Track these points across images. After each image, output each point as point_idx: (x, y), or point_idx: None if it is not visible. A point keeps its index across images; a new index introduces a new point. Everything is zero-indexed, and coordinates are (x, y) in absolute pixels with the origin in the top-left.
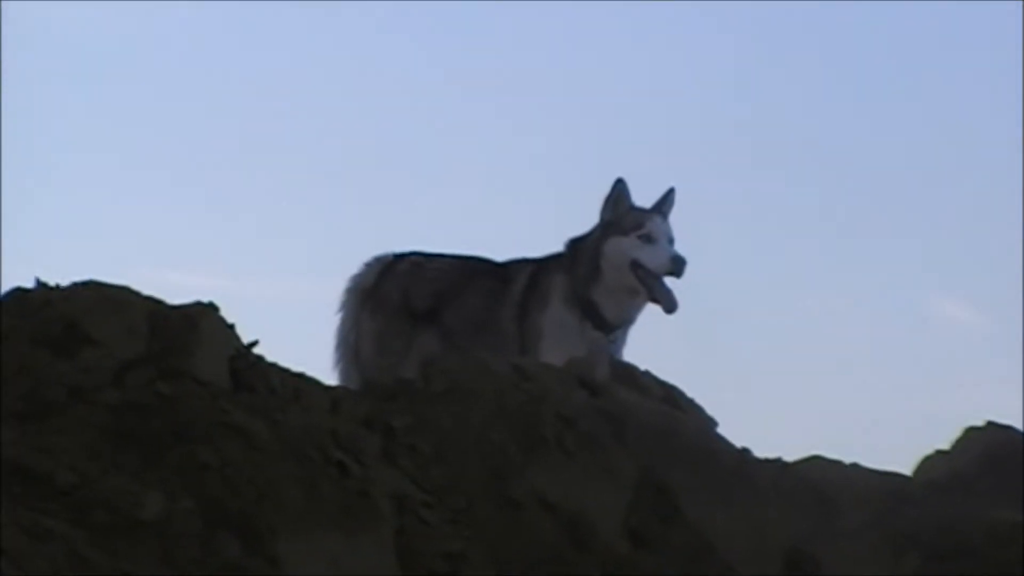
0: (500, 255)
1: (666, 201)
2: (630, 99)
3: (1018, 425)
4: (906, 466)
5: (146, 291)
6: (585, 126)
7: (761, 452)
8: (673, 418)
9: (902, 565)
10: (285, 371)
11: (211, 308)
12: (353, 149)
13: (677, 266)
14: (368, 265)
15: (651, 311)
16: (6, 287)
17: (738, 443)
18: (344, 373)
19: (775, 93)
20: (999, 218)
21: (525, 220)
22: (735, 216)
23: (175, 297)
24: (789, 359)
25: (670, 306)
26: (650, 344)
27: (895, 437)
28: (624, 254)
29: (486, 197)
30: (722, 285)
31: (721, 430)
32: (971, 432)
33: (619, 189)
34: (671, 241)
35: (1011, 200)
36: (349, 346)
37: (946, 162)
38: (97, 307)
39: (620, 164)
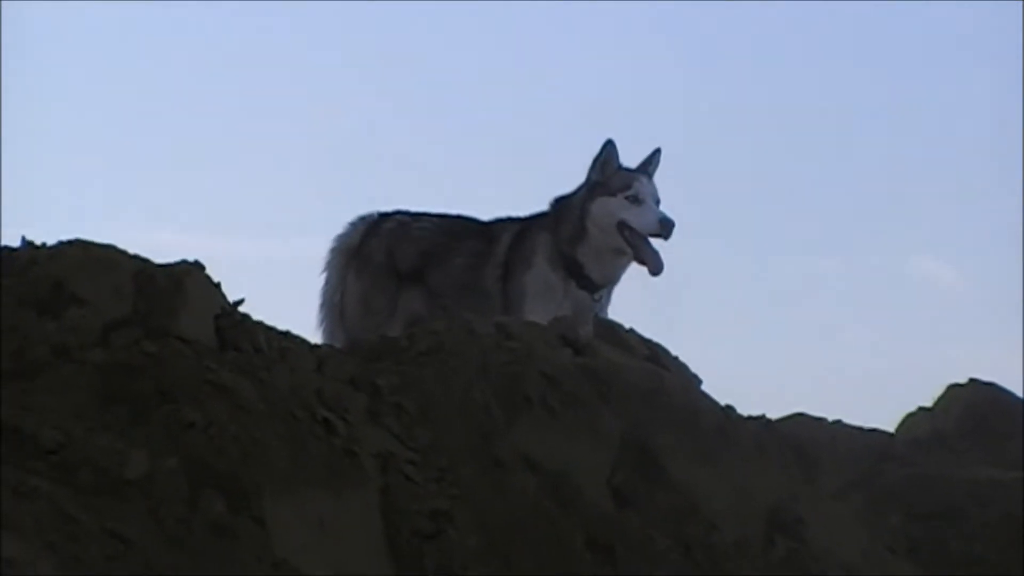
0: (486, 214)
1: (652, 162)
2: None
3: (1000, 382)
4: (889, 423)
5: (132, 250)
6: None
7: (745, 410)
8: (657, 377)
9: (883, 524)
10: (271, 330)
11: (197, 267)
12: (342, 110)
13: (665, 228)
14: (353, 224)
15: (636, 271)
16: None
17: (722, 401)
18: (329, 332)
19: (764, 61)
20: (980, 182)
21: (511, 178)
22: (723, 179)
23: (162, 257)
24: (774, 317)
25: (656, 268)
26: (634, 302)
27: (878, 395)
28: (611, 214)
29: (474, 156)
30: (709, 247)
31: (705, 388)
32: (953, 390)
33: (608, 150)
34: (658, 202)
35: (991, 165)
36: (334, 306)
37: (927, 130)
38: (83, 266)
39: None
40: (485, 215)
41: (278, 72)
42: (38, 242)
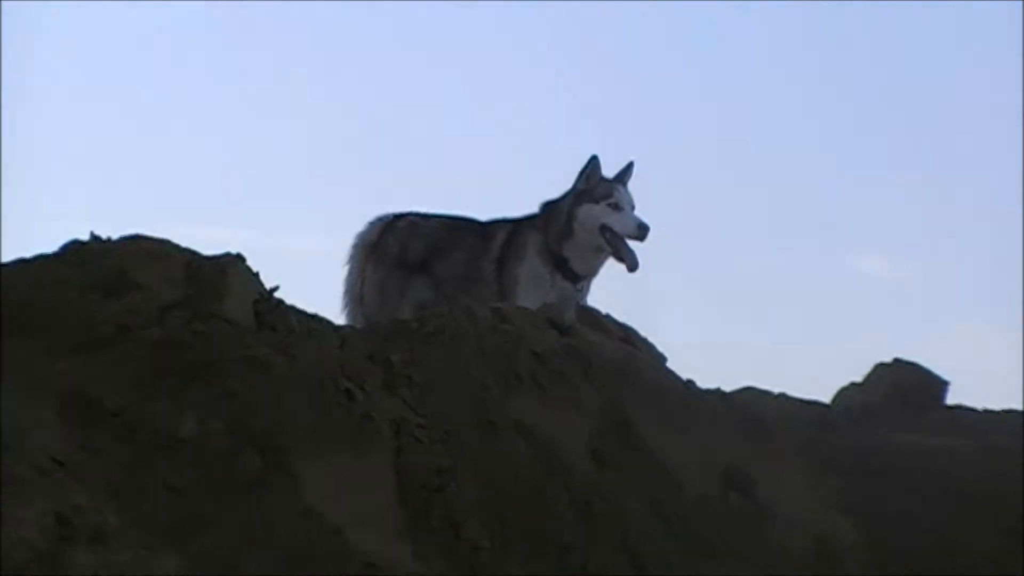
0: (484, 215)
1: (627, 172)
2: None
3: (921, 362)
4: (826, 396)
5: (183, 244)
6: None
7: (703, 384)
8: (630, 355)
9: (823, 483)
10: (301, 313)
11: (239, 259)
12: (367, 118)
13: (642, 231)
14: (371, 224)
15: (614, 267)
16: (63, 241)
17: (684, 376)
18: (351, 316)
19: (713, 64)
20: (912, 184)
21: (517, 180)
22: (686, 180)
23: (208, 249)
24: (728, 304)
25: (633, 265)
26: (609, 290)
27: (817, 371)
28: (595, 219)
29: (487, 162)
30: (680, 243)
31: (670, 365)
32: (880, 368)
33: (592, 164)
34: (633, 208)
35: (922, 168)
36: (355, 293)
37: (866, 137)
38: (141, 257)
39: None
40: (488, 213)
41: (295, 74)
42: (103, 236)
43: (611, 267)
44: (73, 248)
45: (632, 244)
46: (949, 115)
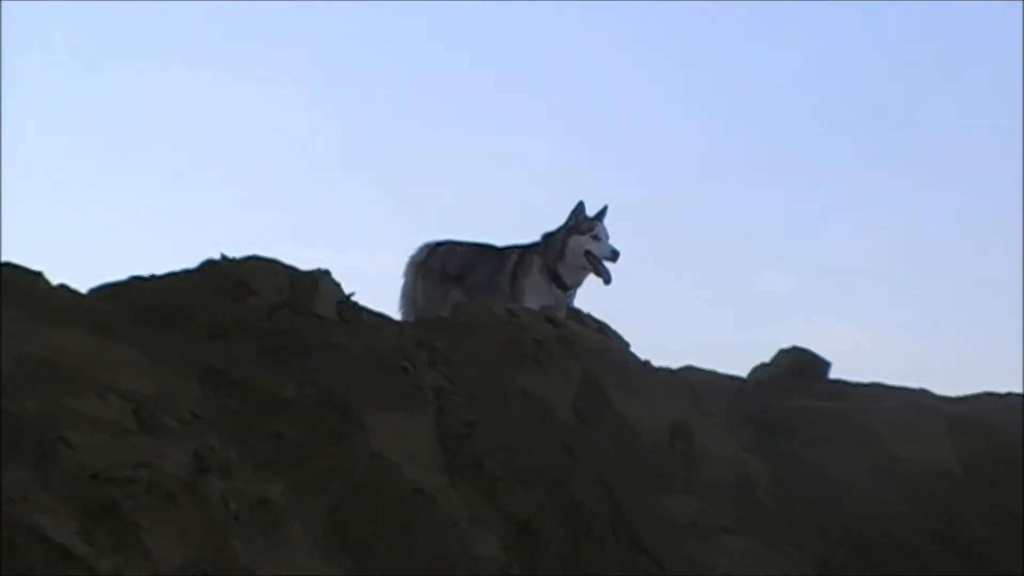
0: (503, 240)
1: (604, 212)
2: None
3: (816, 350)
4: (744, 372)
5: (287, 261)
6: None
7: (656, 362)
8: (603, 341)
9: (741, 434)
10: (370, 311)
11: (326, 273)
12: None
13: (615, 256)
14: (420, 248)
15: (594, 281)
16: (201, 257)
17: (642, 357)
18: (405, 314)
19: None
20: (813, 213)
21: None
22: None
23: (305, 265)
24: (676, 308)
25: (607, 280)
26: (589, 296)
27: (738, 356)
28: (581, 247)
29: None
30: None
31: (632, 349)
32: (782, 352)
33: (580, 207)
34: (609, 238)
35: (822, 198)
36: (409, 297)
37: (776, 165)
38: (257, 271)
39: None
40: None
41: (391, 114)
42: (230, 256)
43: (591, 281)
44: (208, 264)
45: (608, 265)
46: (826, 164)
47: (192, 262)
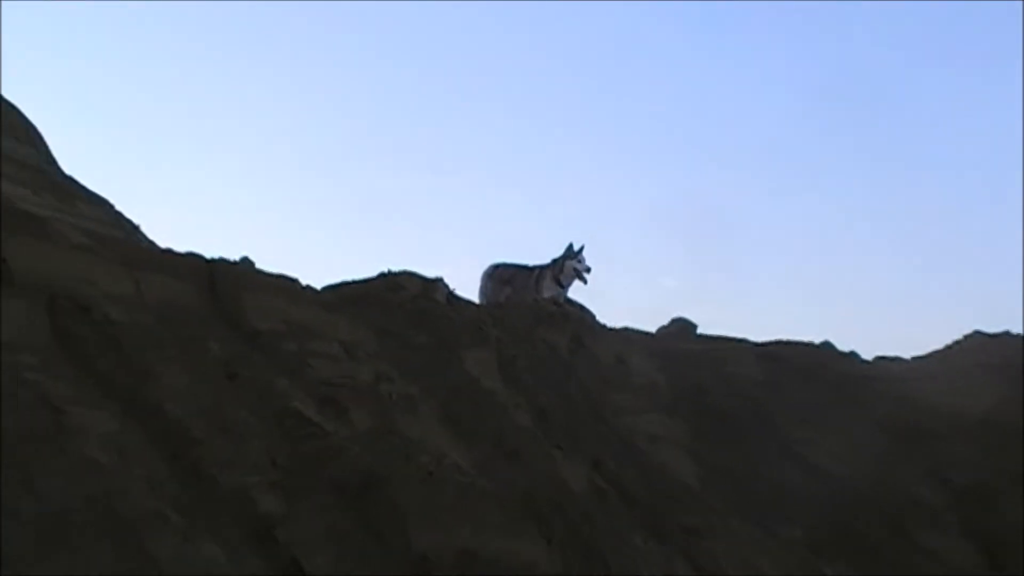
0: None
1: (583, 248)
2: None
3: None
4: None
5: (424, 272)
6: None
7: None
8: (581, 314)
9: (652, 361)
10: (462, 299)
11: (440, 280)
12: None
13: (588, 271)
14: (488, 267)
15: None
16: (370, 270)
17: (601, 322)
18: (481, 301)
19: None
20: (700, 230)
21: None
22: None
23: (429, 273)
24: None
25: (584, 282)
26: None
27: (651, 325)
28: (572, 268)
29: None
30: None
31: (596, 318)
32: (674, 320)
33: (571, 246)
34: (584, 262)
35: (705, 217)
36: (483, 293)
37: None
38: (405, 278)
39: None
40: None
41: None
42: (391, 270)
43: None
44: (382, 275)
45: (585, 276)
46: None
47: (369, 273)
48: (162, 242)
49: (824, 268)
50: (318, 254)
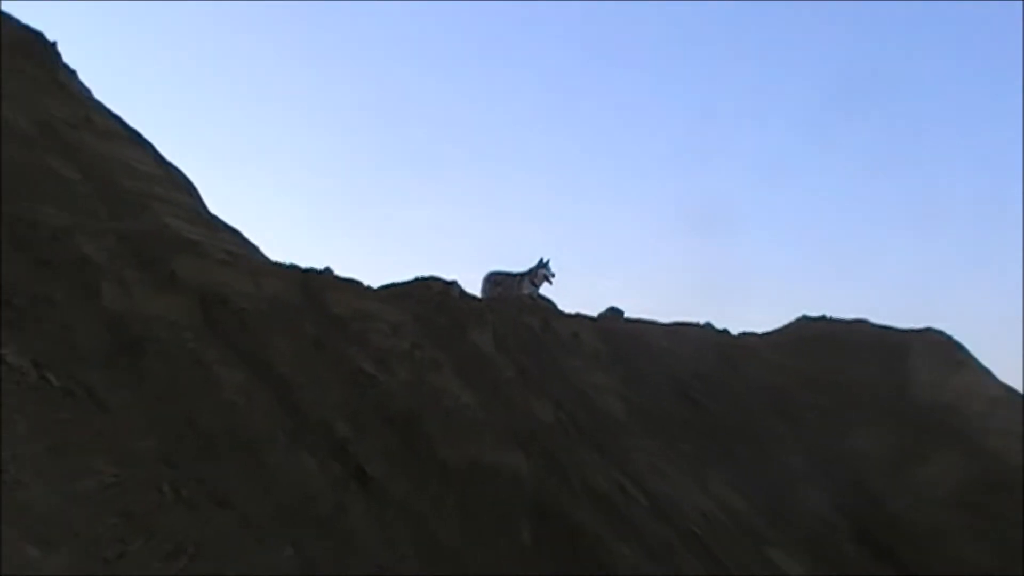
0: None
1: (550, 260)
2: None
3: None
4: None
5: (444, 277)
6: None
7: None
8: (549, 306)
9: (596, 336)
10: (470, 295)
11: (455, 283)
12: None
13: (553, 276)
14: (488, 273)
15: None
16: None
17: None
18: (482, 298)
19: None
20: (634, 235)
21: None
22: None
23: (449, 277)
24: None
25: (551, 283)
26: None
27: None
28: (543, 273)
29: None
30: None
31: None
32: (609, 309)
33: (541, 259)
34: (551, 270)
35: (644, 222)
36: (485, 292)
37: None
38: (431, 281)
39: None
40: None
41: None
42: (423, 275)
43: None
44: (417, 279)
45: (551, 279)
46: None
47: (407, 276)
48: (273, 255)
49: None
50: (374, 261)
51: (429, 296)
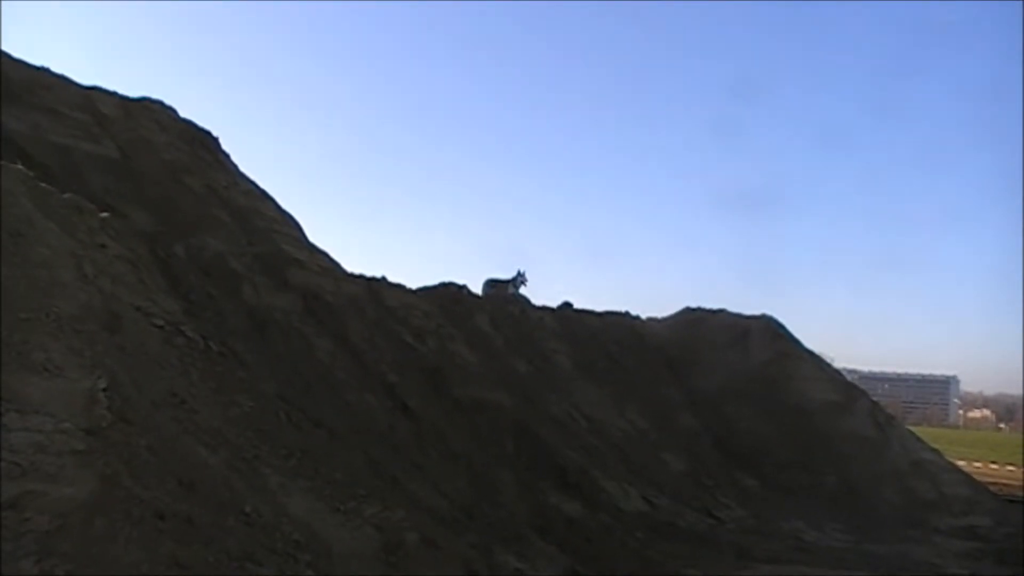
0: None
1: (526, 271)
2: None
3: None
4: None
5: (459, 282)
6: None
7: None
8: (523, 301)
9: (554, 316)
10: (476, 294)
11: (465, 287)
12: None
13: (526, 281)
14: (487, 279)
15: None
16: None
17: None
18: (484, 296)
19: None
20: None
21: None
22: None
23: (462, 282)
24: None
25: (526, 286)
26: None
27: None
28: (518, 281)
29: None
30: None
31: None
32: (564, 304)
33: (519, 271)
34: (526, 277)
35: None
36: (485, 292)
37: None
38: (452, 286)
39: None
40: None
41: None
42: (447, 281)
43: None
44: (441, 284)
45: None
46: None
47: (435, 281)
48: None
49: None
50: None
51: (449, 294)
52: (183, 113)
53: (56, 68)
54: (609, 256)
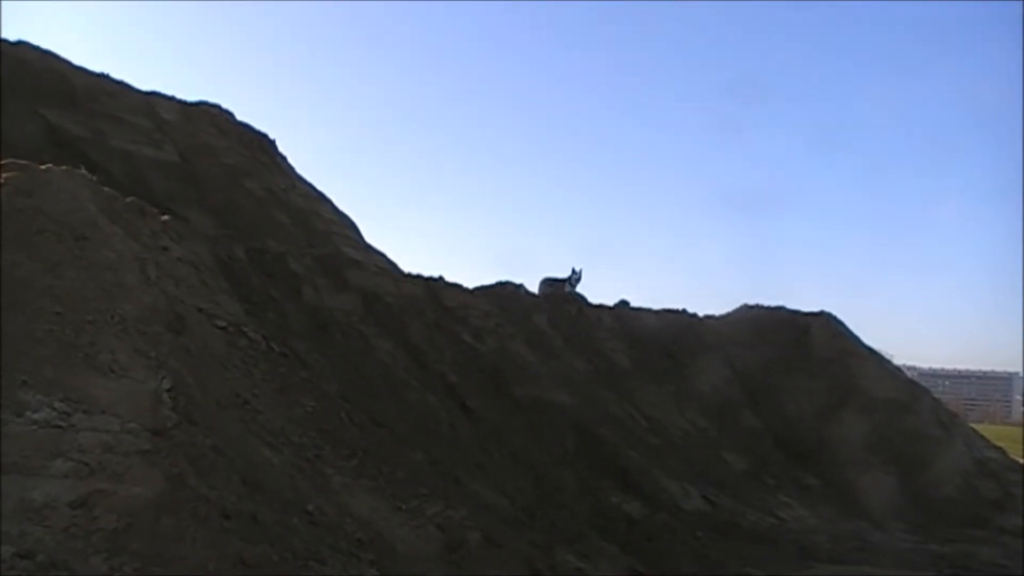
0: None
1: (582, 269)
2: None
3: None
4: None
5: (516, 281)
6: None
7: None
8: (581, 299)
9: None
10: (532, 293)
11: (522, 286)
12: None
13: (580, 280)
14: (543, 278)
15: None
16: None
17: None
18: (541, 294)
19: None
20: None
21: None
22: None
23: (518, 282)
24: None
25: (580, 283)
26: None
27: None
28: (575, 280)
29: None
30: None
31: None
32: (620, 302)
33: (573, 269)
34: (581, 276)
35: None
36: (542, 291)
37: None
38: (509, 285)
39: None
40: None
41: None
42: (514, 282)
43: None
44: (499, 283)
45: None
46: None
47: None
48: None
49: None
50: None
51: (506, 293)
52: (238, 116)
53: (114, 73)
54: (608, 256)
